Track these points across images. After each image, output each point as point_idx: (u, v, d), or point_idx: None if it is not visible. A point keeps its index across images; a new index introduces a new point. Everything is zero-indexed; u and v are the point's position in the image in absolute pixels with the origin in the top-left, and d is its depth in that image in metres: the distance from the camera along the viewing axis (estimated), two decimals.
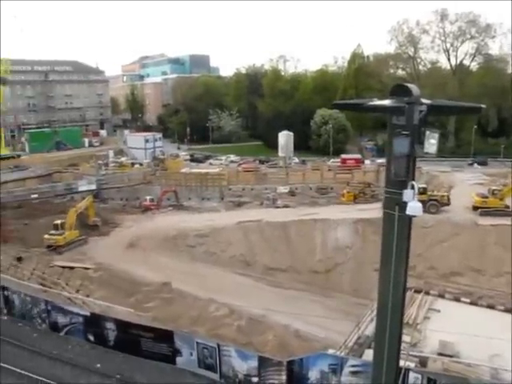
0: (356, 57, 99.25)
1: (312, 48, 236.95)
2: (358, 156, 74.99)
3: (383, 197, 7.73)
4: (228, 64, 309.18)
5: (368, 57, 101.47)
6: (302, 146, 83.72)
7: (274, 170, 70.04)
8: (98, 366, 20.69)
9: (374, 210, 41.91)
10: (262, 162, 79.08)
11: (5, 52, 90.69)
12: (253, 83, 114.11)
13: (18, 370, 20.31)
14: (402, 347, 8.60)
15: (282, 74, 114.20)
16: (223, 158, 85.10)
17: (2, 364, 20.93)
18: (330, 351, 18.31)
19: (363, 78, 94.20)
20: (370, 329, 19.46)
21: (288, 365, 17.67)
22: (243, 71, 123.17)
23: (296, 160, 78.89)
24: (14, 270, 34.21)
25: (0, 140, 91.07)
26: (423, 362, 17.57)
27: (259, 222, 46.52)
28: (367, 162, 72.48)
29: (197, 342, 19.60)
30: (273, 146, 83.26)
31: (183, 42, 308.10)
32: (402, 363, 12.67)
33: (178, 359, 20.26)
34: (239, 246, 43.56)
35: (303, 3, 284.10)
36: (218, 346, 19.21)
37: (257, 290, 36.42)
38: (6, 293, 26.19)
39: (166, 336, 20.50)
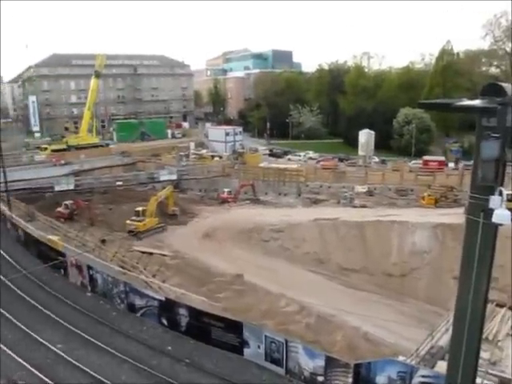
0: (445, 53, 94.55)
1: (399, 45, 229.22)
2: (442, 158, 71.66)
3: (467, 202, 7.30)
4: (310, 60, 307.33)
5: (458, 53, 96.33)
6: (382, 145, 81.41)
7: (352, 169, 68.78)
8: (169, 348, 21.48)
9: (455, 215, 40.03)
10: (341, 160, 77.91)
11: (101, 48, 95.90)
12: (335, 80, 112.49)
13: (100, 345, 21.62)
14: (479, 363, 8.10)
15: (366, 70, 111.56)
16: (302, 154, 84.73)
17: (86, 336, 22.40)
18: (400, 358, 17.73)
19: (451, 75, 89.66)
20: (444, 339, 18.61)
21: (355, 368, 17.37)
22: (326, 67, 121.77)
23: (376, 159, 76.94)
24: (98, 252, 36.14)
25: (92, 130, 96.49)
26: (504, 383, 16.44)
27: (335, 220, 45.89)
28: (451, 164, 69.12)
29: (265, 336, 19.76)
30: (353, 144, 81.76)
31: (267, 37, 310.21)
32: (478, 381, 12.00)
33: (246, 350, 20.54)
34: (313, 244, 43.24)
35: None
36: (286, 341, 19.26)
37: (328, 288, 35.98)
38: (91, 272, 27.92)
39: (235, 327, 20.86)
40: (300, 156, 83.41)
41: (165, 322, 23.69)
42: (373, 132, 74.79)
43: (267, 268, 38.58)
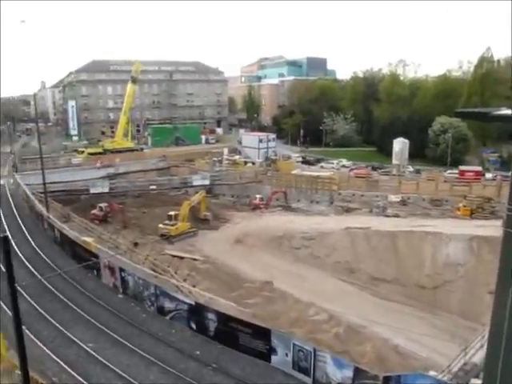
0: (484, 61, 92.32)
1: (435, 52, 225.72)
2: (479, 168, 69.91)
3: (505, 214, 7.09)
4: (345, 67, 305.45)
5: (498, 61, 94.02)
6: (417, 154, 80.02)
7: (386, 178, 67.84)
8: (197, 353, 21.58)
9: (492, 228, 38.88)
10: (374, 169, 76.98)
11: (138, 54, 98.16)
12: (370, 87, 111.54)
13: (129, 345, 21.93)
14: None
15: (401, 78, 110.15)
16: (335, 161, 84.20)
17: (117, 337, 22.76)
18: (431, 373, 17.30)
19: (491, 84, 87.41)
20: (478, 356, 18.03)
21: (384, 380, 17.06)
22: (360, 75, 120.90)
23: (410, 169, 75.70)
24: (130, 254, 36.68)
25: (128, 134, 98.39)
26: None
27: (367, 229, 45.33)
28: (488, 175, 67.44)
29: (293, 344, 19.64)
30: (387, 152, 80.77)
31: (301, 44, 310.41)
32: None
33: (273, 358, 20.45)
34: (344, 252, 42.83)
35: (429, 3, 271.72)
36: (314, 350, 19.08)
37: (359, 298, 35.55)
38: (122, 274, 28.35)
39: (263, 333, 20.80)
40: (333, 164, 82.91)
41: (193, 325, 23.83)
42: (407, 141, 73.64)
43: (297, 275, 38.41)
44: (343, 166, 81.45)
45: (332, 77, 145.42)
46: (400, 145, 72.88)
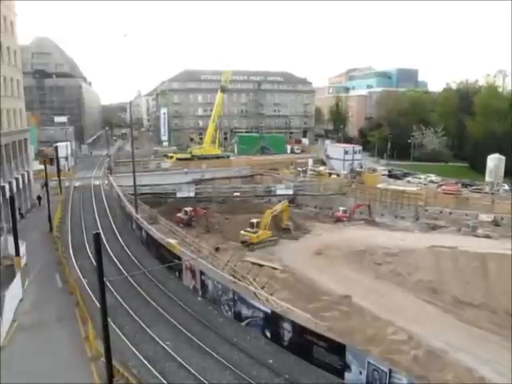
0: None
1: None
2: None
3: None
4: (438, 79, 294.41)
5: None
6: None
7: (477, 196, 64.25)
8: (270, 361, 21.57)
9: None
10: (465, 186, 73.28)
11: (227, 63, 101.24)
12: (463, 100, 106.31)
13: (205, 348, 22.43)
14: None
15: (499, 90, 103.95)
16: (422, 176, 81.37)
17: (193, 338, 23.36)
18: None
19: None
20: None
21: None
22: (453, 87, 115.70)
23: (505, 187, 71.02)
24: (211, 258, 37.62)
25: (215, 141, 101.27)
26: None
27: (454, 249, 43.08)
28: None
29: (368, 362, 19.04)
30: (479, 169, 76.48)
31: (392, 55, 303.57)
32: None
33: (347, 375, 19.97)
34: (428, 272, 40.89)
35: None
36: (390, 370, 18.37)
37: (441, 321, 33.70)
38: (203, 277, 29.06)
39: (338, 348, 20.36)
40: (420, 179, 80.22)
41: (268, 334, 23.85)
42: (503, 157, 69.37)
43: (377, 292, 37.23)
44: (431, 182, 78.60)
45: (423, 89, 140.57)
46: (495, 161, 68.84)
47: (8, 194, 39.02)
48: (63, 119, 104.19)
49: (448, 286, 38.91)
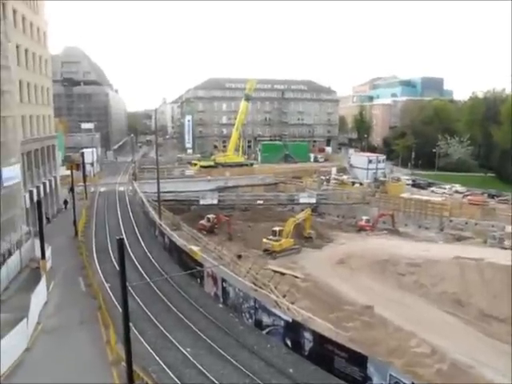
0: None
1: None
2: None
3: None
4: (464, 87, 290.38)
5: None
6: None
7: (504, 207, 63.02)
8: (291, 370, 21.43)
9: None
10: (491, 196, 71.95)
11: (252, 72, 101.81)
12: (490, 109, 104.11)
13: (225, 355, 22.41)
14: None
15: None
16: (447, 186, 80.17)
17: (213, 345, 23.37)
18: None
19: None
20: None
21: None
22: (480, 95, 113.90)
23: None
24: (233, 266, 37.68)
25: (239, 149, 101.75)
26: None
27: (480, 261, 42.19)
28: None
29: (390, 374, 18.73)
30: (506, 179, 75.24)
31: (416, 64, 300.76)
32: None
33: None
34: (453, 283, 40.15)
35: None
36: None
37: (466, 334, 33.01)
38: (224, 284, 29.09)
39: (359, 359, 20.10)
40: (445, 189, 79.04)
41: (289, 343, 23.70)
42: None
43: (400, 303, 36.72)
44: (456, 192, 77.37)
45: (448, 97, 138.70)
46: None
47: (36, 199, 39.82)
48: (90, 126, 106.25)
49: (473, 298, 38.13)
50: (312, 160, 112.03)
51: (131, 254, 37.32)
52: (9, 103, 32.52)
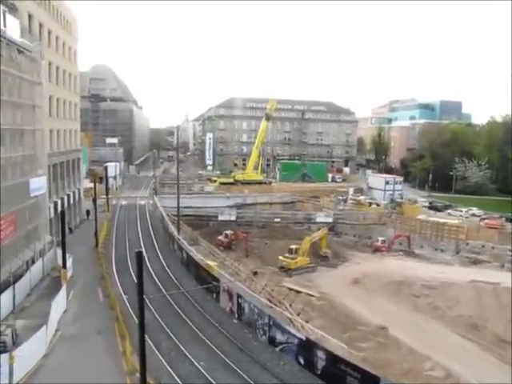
0: None
1: None
2: None
3: None
4: (482, 111, 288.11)
5: None
6: None
7: None
8: None
9: None
10: (509, 220, 71.17)
11: (272, 92, 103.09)
12: (508, 133, 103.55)
13: (238, 371, 22.67)
14: None
15: None
16: (464, 209, 79.46)
17: (227, 360, 23.62)
18: None
19: None
20: None
21: None
22: (499, 119, 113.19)
23: None
24: (249, 282, 37.99)
25: (258, 167, 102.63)
26: None
27: (496, 285, 41.99)
28: None
29: None
30: None
31: (435, 87, 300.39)
32: None
33: None
34: (468, 307, 39.90)
35: None
36: None
37: (481, 360, 32.70)
38: (239, 300, 29.38)
39: (372, 380, 20.06)
40: (462, 212, 78.33)
41: (301, 361, 23.80)
42: None
43: (414, 325, 36.58)
44: (473, 215, 76.59)
45: (467, 121, 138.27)
46: None
47: (59, 209, 40.93)
48: (114, 140, 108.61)
49: (489, 323, 37.81)
50: (330, 180, 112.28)
51: (149, 266, 37.97)
52: (39, 117, 33.87)
